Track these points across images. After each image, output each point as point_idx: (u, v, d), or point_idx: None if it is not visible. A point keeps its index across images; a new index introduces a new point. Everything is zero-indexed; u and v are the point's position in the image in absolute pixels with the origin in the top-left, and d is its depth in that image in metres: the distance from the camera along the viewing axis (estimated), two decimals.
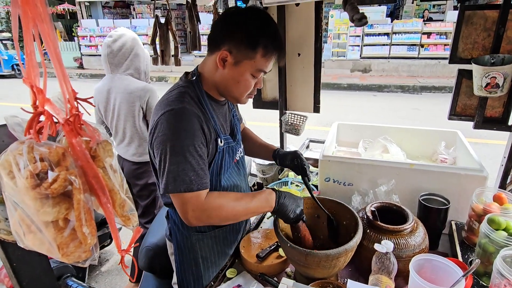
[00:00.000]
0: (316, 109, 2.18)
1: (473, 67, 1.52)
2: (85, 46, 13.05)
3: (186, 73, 1.15)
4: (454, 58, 1.63)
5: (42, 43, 0.54)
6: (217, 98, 1.16)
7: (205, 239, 1.26)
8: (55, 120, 0.56)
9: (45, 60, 0.58)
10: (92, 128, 0.62)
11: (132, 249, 0.71)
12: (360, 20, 1.17)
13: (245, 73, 1.05)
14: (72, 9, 14.76)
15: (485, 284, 1.11)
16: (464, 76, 1.63)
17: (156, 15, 2.02)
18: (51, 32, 0.53)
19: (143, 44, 2.19)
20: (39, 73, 0.54)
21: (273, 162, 1.45)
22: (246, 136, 1.53)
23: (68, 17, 16.29)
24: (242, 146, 1.34)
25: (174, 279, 1.35)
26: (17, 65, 12.12)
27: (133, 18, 15.38)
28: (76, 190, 0.57)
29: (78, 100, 0.58)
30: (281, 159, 1.39)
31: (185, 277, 1.29)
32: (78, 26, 13.52)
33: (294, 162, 1.33)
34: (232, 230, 1.35)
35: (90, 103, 0.60)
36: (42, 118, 0.55)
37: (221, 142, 1.13)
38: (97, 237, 0.62)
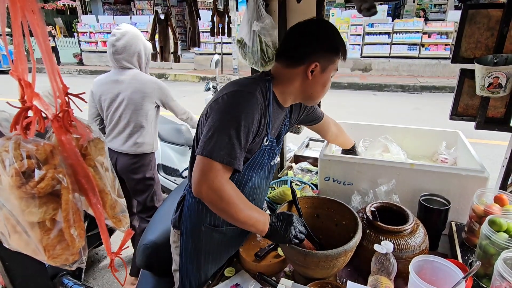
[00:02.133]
0: None
1: (476, 66, 1.49)
2: (85, 42, 13.01)
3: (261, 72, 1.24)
4: (456, 58, 1.61)
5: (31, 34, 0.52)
6: (281, 103, 1.20)
7: (214, 233, 1.26)
8: (44, 115, 0.54)
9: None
10: (83, 125, 0.59)
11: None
12: (368, 9, 1.13)
13: (329, 77, 1.16)
14: (72, 5, 14.72)
15: (485, 286, 1.10)
16: (467, 76, 1.61)
17: (155, 10, 2.01)
18: (41, 23, 0.50)
19: None
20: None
21: None
22: (329, 133, 1.67)
23: (68, 13, 16.24)
24: (279, 154, 1.38)
25: (174, 266, 1.34)
26: None
27: (134, 14, 15.30)
28: (65, 190, 0.55)
29: (69, 96, 0.56)
30: None
31: (187, 266, 1.30)
32: (78, 22, 13.46)
33: None
34: (242, 232, 1.32)
35: (82, 99, 0.58)
36: (30, 113, 0.53)
37: (266, 141, 1.17)
38: (85, 239, 0.59)
